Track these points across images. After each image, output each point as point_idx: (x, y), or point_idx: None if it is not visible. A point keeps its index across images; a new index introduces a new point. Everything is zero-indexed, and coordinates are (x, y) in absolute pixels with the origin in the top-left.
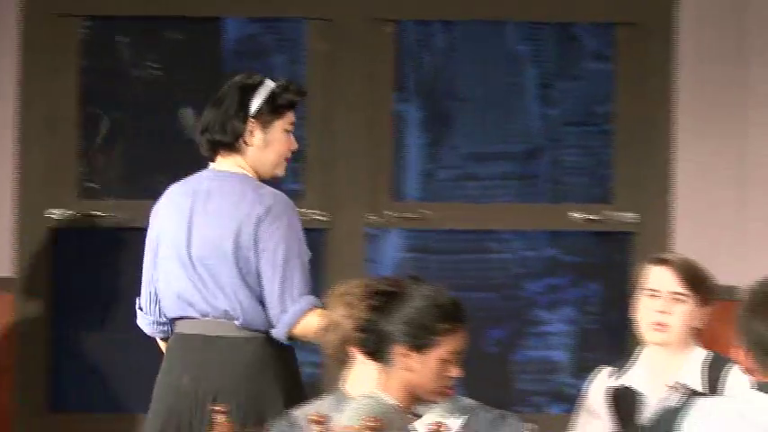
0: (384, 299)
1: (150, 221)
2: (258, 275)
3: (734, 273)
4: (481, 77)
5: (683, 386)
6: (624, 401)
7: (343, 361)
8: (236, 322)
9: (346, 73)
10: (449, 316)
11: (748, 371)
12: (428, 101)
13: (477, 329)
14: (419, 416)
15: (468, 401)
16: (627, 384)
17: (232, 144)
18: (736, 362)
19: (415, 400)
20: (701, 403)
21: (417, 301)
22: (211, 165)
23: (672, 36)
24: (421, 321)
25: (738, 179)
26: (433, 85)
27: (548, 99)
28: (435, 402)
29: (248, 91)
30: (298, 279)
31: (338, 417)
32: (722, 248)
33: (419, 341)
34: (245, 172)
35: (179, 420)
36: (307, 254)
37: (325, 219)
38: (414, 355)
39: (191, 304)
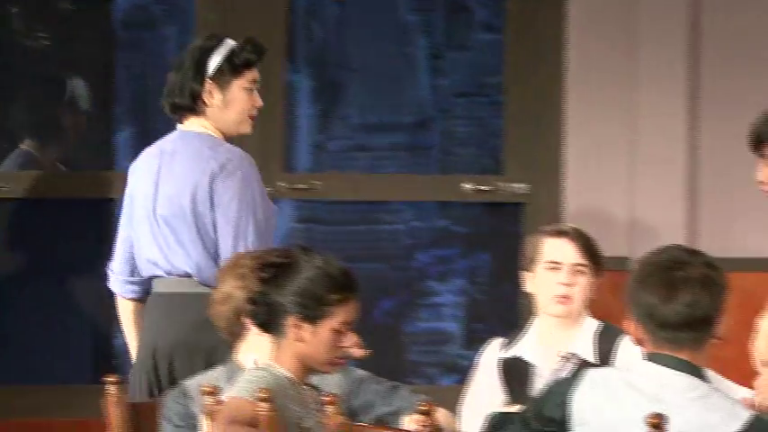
0: (275, 270)
1: (127, 181)
2: (214, 231)
3: (623, 244)
4: (372, 48)
5: (575, 357)
6: (515, 372)
7: (235, 333)
8: (195, 279)
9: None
10: (340, 286)
11: (639, 342)
12: (319, 71)
13: (367, 300)
14: (313, 386)
15: (359, 372)
16: (518, 355)
17: (192, 106)
18: (626, 333)
19: (308, 371)
20: (592, 374)
21: (308, 272)
22: (179, 126)
23: (563, 7)
24: (312, 292)
25: (628, 151)
26: (324, 55)
27: (438, 70)
28: (328, 373)
29: (206, 52)
30: (251, 234)
31: (230, 388)
32: (612, 220)
33: (311, 312)
34: (208, 131)
35: (148, 377)
36: (268, 209)
37: None
38: (305, 326)
39: (155, 264)
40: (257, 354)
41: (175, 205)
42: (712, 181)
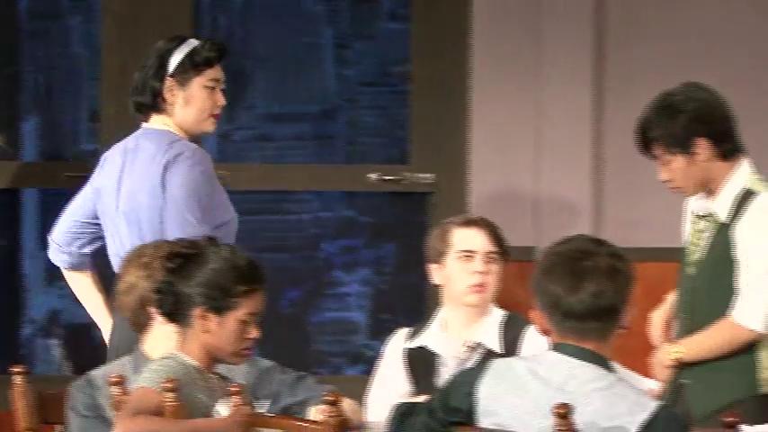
0: (181, 261)
1: (97, 168)
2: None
3: (530, 234)
4: (277, 37)
5: (480, 347)
6: (421, 363)
7: (141, 323)
8: None
9: (142, 33)
10: (246, 277)
11: (544, 332)
12: (224, 61)
13: (274, 291)
14: (221, 376)
15: (265, 363)
16: (424, 345)
17: (154, 104)
18: (532, 323)
19: (215, 361)
20: (497, 364)
21: (215, 262)
22: (143, 124)
23: None
24: (219, 283)
25: (534, 141)
26: (230, 44)
27: (344, 59)
28: (235, 363)
29: (168, 51)
30: (194, 222)
31: (137, 378)
32: (518, 210)
33: (217, 303)
34: (169, 129)
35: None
36: (221, 207)
37: None
38: (212, 316)
39: (118, 256)
40: (163, 344)
41: (134, 201)
42: (617, 172)
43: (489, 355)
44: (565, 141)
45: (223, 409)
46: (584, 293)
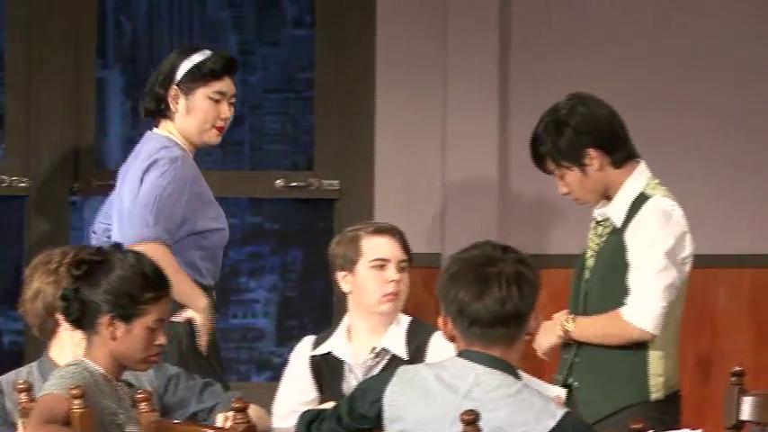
0: (87, 267)
1: None
2: None
3: (436, 241)
4: (182, 43)
5: (387, 353)
6: (328, 369)
7: (47, 329)
8: None
9: (47, 38)
10: (153, 284)
11: (451, 338)
12: (130, 67)
13: None
14: (128, 383)
15: (172, 369)
16: (330, 352)
17: (158, 110)
18: (438, 329)
19: (122, 368)
20: (404, 370)
21: (121, 269)
22: (152, 129)
23: (373, 2)
24: (126, 290)
25: (440, 148)
26: (135, 51)
27: (249, 66)
28: (142, 370)
29: (179, 59)
30: (148, 228)
31: (43, 385)
32: (424, 217)
33: (125, 310)
34: (169, 135)
35: None
36: (200, 213)
37: (26, 186)
38: (119, 324)
39: None
40: (70, 350)
41: (119, 201)
42: (524, 177)
43: (395, 361)
44: (471, 148)
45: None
46: (489, 300)
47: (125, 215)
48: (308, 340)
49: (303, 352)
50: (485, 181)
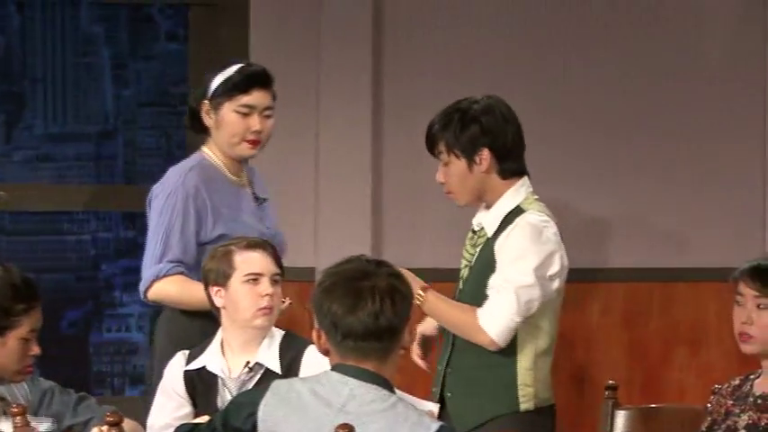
0: None
1: None
2: None
3: (310, 255)
4: (56, 57)
5: (261, 367)
6: (202, 384)
7: None
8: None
9: None
10: (24, 295)
11: (324, 352)
12: (2, 80)
13: (53, 311)
14: (1, 398)
15: (46, 383)
16: (204, 366)
17: (192, 125)
18: (311, 342)
19: None
20: (278, 384)
21: None
22: None
23: (246, 16)
24: None
25: (314, 163)
26: (7, 64)
27: (122, 80)
28: (17, 382)
29: (213, 75)
30: (156, 248)
31: None
32: (298, 231)
33: None
34: (206, 151)
35: None
36: (173, 227)
37: None
38: None
39: None
40: None
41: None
42: (397, 193)
43: (269, 376)
44: (344, 162)
45: (6, 428)
46: (363, 313)
47: (143, 258)
48: (182, 355)
49: (177, 367)
50: (358, 195)
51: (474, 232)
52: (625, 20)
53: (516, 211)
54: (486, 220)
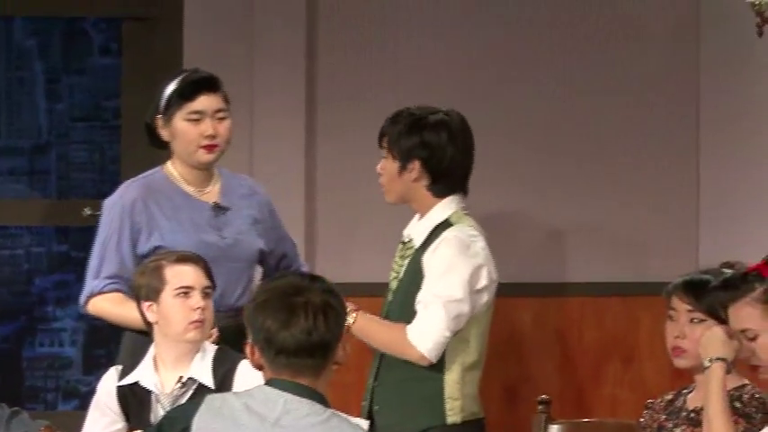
0: None
1: None
2: None
3: None
4: None
5: (194, 382)
6: (135, 399)
7: None
8: None
9: None
10: None
11: (257, 366)
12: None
13: None
14: None
15: None
16: (137, 382)
17: (153, 141)
18: (244, 357)
19: None
20: (212, 399)
21: None
22: None
23: (179, 30)
24: None
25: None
26: None
27: (55, 94)
28: None
29: (160, 90)
30: (93, 263)
31: None
32: None
33: None
34: (168, 164)
35: None
36: (109, 242)
37: None
38: None
39: None
40: None
41: None
42: (329, 208)
43: (202, 390)
44: (278, 178)
45: None
46: (296, 329)
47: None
48: (115, 370)
49: (110, 382)
50: (291, 210)
51: (403, 243)
52: (569, 39)
53: (444, 225)
54: (415, 231)
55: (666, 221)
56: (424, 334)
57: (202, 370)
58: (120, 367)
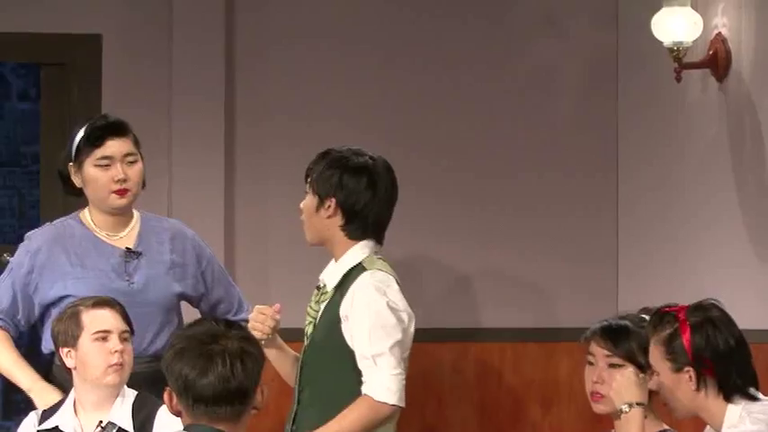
0: None
1: None
2: None
3: None
4: None
5: (113, 426)
6: None
7: None
8: None
9: None
10: None
11: (176, 413)
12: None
13: None
14: None
15: None
16: (57, 426)
17: (69, 189)
18: (164, 402)
19: None
20: None
21: None
22: None
23: (97, 76)
24: None
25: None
26: None
27: None
28: None
29: (72, 138)
30: None
31: None
32: None
33: None
34: (85, 210)
35: None
36: (6, 278)
37: None
38: None
39: None
40: None
41: None
42: (247, 251)
43: None
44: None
45: None
46: (213, 376)
47: None
48: (35, 414)
49: (30, 426)
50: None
51: (318, 288)
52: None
53: (359, 269)
54: (328, 275)
55: (587, 267)
56: (385, 385)
57: (122, 414)
58: (40, 411)
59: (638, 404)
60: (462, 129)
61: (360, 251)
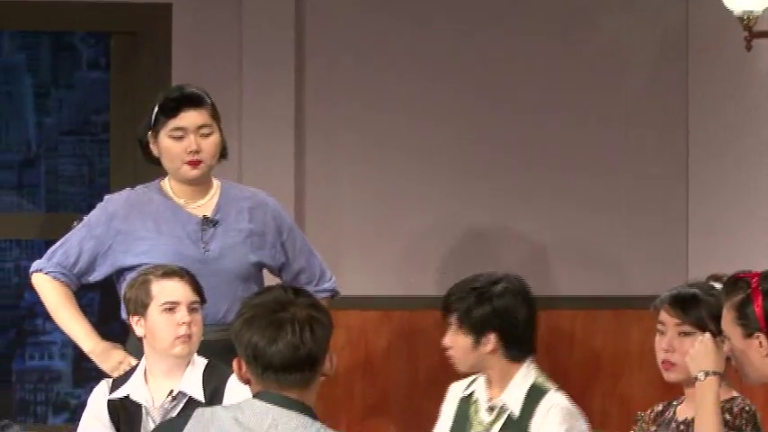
0: None
1: None
2: None
3: None
4: None
5: (184, 395)
6: (125, 413)
7: None
8: None
9: None
10: None
11: (245, 381)
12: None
13: None
14: None
15: None
16: (128, 395)
17: (149, 158)
18: (233, 371)
19: None
20: (201, 412)
21: None
22: None
23: (168, 45)
24: None
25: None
26: None
27: (44, 108)
28: None
29: (152, 107)
30: (57, 244)
31: None
32: None
33: None
34: (165, 178)
35: None
36: (77, 233)
37: None
38: None
39: None
40: None
41: None
42: (317, 217)
43: (193, 404)
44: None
45: None
46: (282, 344)
47: None
48: (106, 383)
49: (100, 395)
50: None
51: (491, 409)
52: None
53: (536, 390)
54: (508, 399)
55: (657, 236)
56: None
57: (193, 383)
58: (110, 380)
59: (714, 373)
60: (536, 101)
61: (528, 371)
